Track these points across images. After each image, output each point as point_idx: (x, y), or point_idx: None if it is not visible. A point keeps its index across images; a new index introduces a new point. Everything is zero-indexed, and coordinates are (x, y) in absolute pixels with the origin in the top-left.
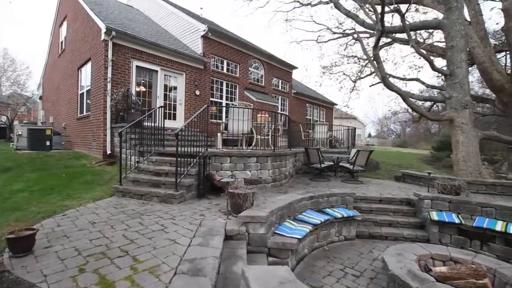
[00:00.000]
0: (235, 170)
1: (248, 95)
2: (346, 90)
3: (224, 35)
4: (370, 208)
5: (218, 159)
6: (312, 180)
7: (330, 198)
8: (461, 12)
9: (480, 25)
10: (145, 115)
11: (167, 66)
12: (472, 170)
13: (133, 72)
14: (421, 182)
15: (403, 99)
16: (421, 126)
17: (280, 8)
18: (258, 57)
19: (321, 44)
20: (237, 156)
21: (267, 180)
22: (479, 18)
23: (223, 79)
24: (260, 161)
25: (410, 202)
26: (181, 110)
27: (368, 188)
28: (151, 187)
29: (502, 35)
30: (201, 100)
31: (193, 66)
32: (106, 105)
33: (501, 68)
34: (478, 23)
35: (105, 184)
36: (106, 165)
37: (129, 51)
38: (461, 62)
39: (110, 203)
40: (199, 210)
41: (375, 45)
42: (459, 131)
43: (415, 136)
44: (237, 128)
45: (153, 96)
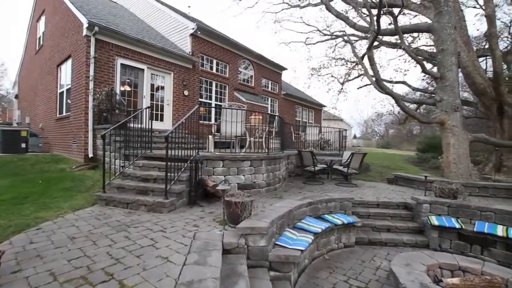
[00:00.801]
0: (228, 174)
1: (237, 95)
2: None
3: (214, 34)
4: (368, 213)
5: (210, 163)
6: (306, 184)
7: (329, 203)
8: (451, 16)
9: (464, 30)
10: (131, 116)
11: (154, 65)
12: (463, 172)
13: (117, 70)
14: (414, 185)
15: (396, 102)
16: (403, 128)
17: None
18: (247, 58)
19: (309, 46)
20: (231, 160)
21: (261, 184)
22: (463, 23)
23: (212, 79)
24: (254, 165)
25: (407, 206)
26: (169, 111)
27: (363, 191)
28: (138, 195)
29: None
30: (190, 101)
31: (181, 65)
32: (88, 105)
33: (483, 73)
34: (462, 28)
35: (87, 191)
36: (88, 169)
37: (113, 48)
38: (452, 65)
39: (92, 213)
40: (191, 220)
41: (369, 46)
42: (450, 133)
43: (398, 137)
44: (230, 130)
45: (139, 96)
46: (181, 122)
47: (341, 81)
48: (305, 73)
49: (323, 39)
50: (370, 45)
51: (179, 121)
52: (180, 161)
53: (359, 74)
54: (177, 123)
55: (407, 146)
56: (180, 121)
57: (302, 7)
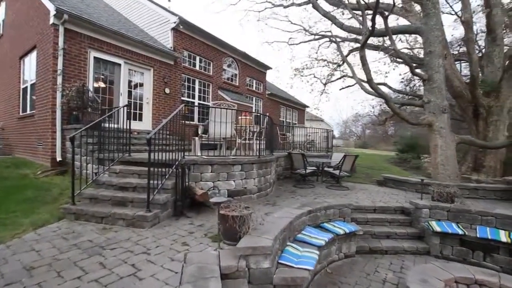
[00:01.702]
0: (217, 180)
1: (222, 94)
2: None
3: (197, 29)
4: (366, 219)
5: (197, 168)
6: (296, 187)
7: (328, 211)
8: (438, 18)
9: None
10: (106, 115)
11: (132, 60)
12: (451, 173)
13: (90, 64)
14: (404, 187)
15: (387, 103)
16: (379, 128)
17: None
18: (232, 56)
19: (292, 46)
20: (220, 164)
21: (252, 190)
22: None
23: (195, 76)
24: (245, 169)
25: (404, 210)
26: (149, 110)
27: (357, 195)
28: (115, 207)
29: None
30: (172, 99)
31: (162, 61)
32: (55, 102)
33: (460, 76)
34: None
35: (53, 202)
36: (56, 175)
37: (85, 40)
38: (439, 67)
39: (59, 231)
40: (179, 236)
41: (362, 45)
42: (437, 135)
43: (374, 138)
44: (219, 132)
45: (115, 94)
46: (165, 123)
47: (324, 82)
48: (288, 73)
49: (307, 39)
50: (363, 44)
51: (163, 122)
52: (164, 166)
53: (342, 76)
54: (158, 123)
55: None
56: (164, 122)
57: (285, 7)
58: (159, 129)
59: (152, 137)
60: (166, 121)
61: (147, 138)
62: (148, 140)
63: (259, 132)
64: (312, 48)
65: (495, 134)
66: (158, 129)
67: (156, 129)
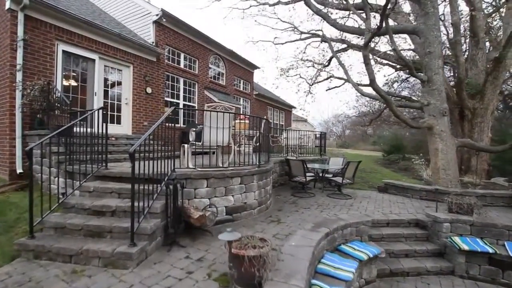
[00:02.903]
0: (214, 196)
1: (208, 95)
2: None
3: (182, 23)
4: (381, 235)
5: (190, 183)
6: (295, 196)
7: (345, 230)
8: (437, 18)
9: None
10: (77, 119)
11: (109, 55)
12: (452, 178)
13: (58, 59)
14: (408, 194)
15: (389, 106)
16: (358, 128)
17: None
18: (218, 53)
19: (278, 46)
20: (217, 177)
21: (252, 205)
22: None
23: (180, 75)
24: (245, 182)
25: (419, 223)
26: (128, 112)
27: (362, 204)
28: (88, 239)
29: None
30: (154, 100)
31: (143, 58)
32: (14, 103)
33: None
34: None
35: (6, 231)
36: (15, 191)
37: (52, 30)
38: (438, 69)
39: (8, 281)
40: (175, 279)
41: (366, 44)
42: (438, 138)
43: (354, 137)
44: (215, 139)
45: (89, 93)
46: (152, 130)
47: (310, 83)
48: (273, 73)
49: (293, 38)
50: (366, 43)
51: (150, 130)
52: (150, 183)
53: (328, 76)
54: (139, 126)
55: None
56: (152, 129)
57: (271, 5)
58: (145, 138)
59: (136, 149)
60: (153, 128)
61: (130, 151)
62: (131, 155)
63: (258, 138)
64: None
65: (480, 135)
66: (143, 138)
67: (142, 139)
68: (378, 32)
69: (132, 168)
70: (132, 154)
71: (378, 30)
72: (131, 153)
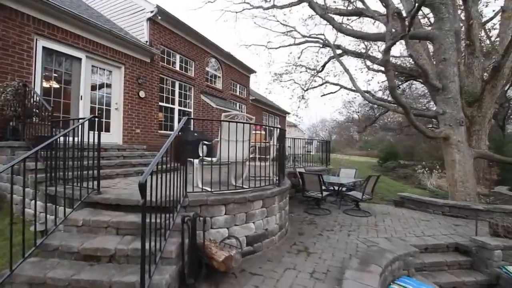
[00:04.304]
0: (233, 225)
1: (205, 100)
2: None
3: (178, 22)
4: (423, 264)
5: (206, 210)
6: (311, 214)
7: (393, 265)
8: (452, 23)
9: (424, 44)
10: (69, 129)
11: (97, 54)
12: (470, 191)
13: (37, 57)
14: (428, 209)
15: (406, 114)
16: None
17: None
18: (216, 56)
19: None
20: (237, 202)
21: (274, 231)
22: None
23: (175, 78)
24: (266, 205)
25: (458, 248)
26: (118, 118)
27: (387, 223)
28: None
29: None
30: (147, 105)
31: (136, 58)
32: None
33: None
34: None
35: None
36: None
37: (30, 23)
38: (454, 76)
39: None
40: None
41: (387, 49)
42: (455, 149)
43: (340, 142)
44: (234, 154)
45: (73, 97)
46: (166, 148)
47: (305, 88)
48: (265, 78)
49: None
50: (388, 47)
51: (164, 148)
52: (158, 212)
53: (323, 82)
54: (130, 134)
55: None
56: (165, 148)
57: (265, 9)
58: (161, 156)
59: (147, 179)
60: (166, 145)
61: (141, 182)
62: (142, 187)
63: (277, 150)
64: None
65: (478, 143)
66: (156, 161)
67: (154, 162)
68: (403, 36)
69: (143, 205)
70: (143, 186)
71: (405, 33)
72: (142, 184)
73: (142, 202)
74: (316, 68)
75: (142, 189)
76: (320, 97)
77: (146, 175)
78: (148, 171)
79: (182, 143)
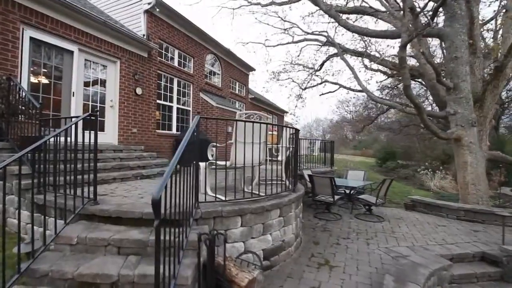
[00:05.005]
0: (250, 238)
1: (205, 98)
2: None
3: (177, 15)
4: (452, 276)
5: (220, 223)
6: (321, 219)
7: (429, 281)
8: (464, 21)
9: (425, 44)
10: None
11: (91, 47)
12: (483, 194)
13: (24, 48)
14: (441, 213)
15: (420, 114)
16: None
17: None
18: (215, 52)
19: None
20: (255, 212)
21: (290, 242)
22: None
23: (174, 74)
24: (283, 213)
25: (485, 257)
26: (114, 116)
27: (402, 229)
28: None
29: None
30: (145, 103)
31: (132, 52)
32: None
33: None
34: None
35: None
36: None
37: (15, 10)
38: (466, 76)
39: None
40: None
41: (403, 46)
42: (467, 151)
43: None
44: (250, 157)
45: (65, 93)
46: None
47: (303, 87)
48: (262, 77)
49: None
50: (405, 44)
51: (179, 148)
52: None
53: (322, 81)
54: (127, 134)
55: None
56: (181, 148)
57: (264, 6)
58: (171, 170)
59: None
60: (181, 148)
61: (155, 198)
62: (156, 204)
63: (295, 153)
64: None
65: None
66: (170, 171)
67: (168, 172)
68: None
69: (157, 227)
70: (157, 203)
71: (424, 29)
72: (156, 201)
73: (157, 224)
74: (314, 67)
75: (156, 207)
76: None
77: (161, 189)
78: (162, 184)
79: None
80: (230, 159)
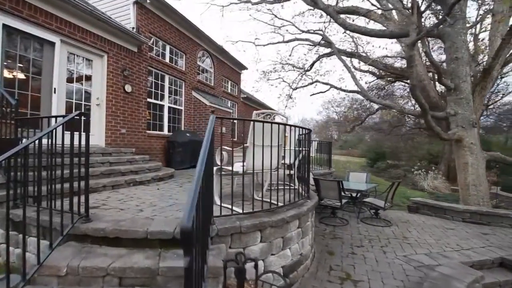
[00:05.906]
0: (269, 254)
1: (197, 97)
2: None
3: (169, 8)
4: (479, 286)
5: (237, 240)
6: (328, 225)
7: None
8: (465, 22)
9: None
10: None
11: (75, 38)
12: (484, 195)
13: None
14: (446, 215)
15: (424, 115)
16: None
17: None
18: (207, 49)
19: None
20: (275, 226)
21: (307, 254)
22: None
23: (165, 71)
24: (302, 224)
25: (504, 263)
26: (100, 116)
27: (413, 234)
28: None
29: None
30: (134, 101)
31: (121, 46)
32: None
33: (434, 87)
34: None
35: None
36: None
37: None
38: (466, 76)
39: None
40: None
41: (412, 44)
42: (468, 152)
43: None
44: (268, 162)
45: (45, 90)
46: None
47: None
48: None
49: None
50: (414, 42)
51: (202, 156)
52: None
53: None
54: (115, 135)
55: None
56: (204, 155)
57: (254, 4)
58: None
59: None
60: (204, 155)
61: (185, 227)
62: (186, 235)
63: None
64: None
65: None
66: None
67: (195, 191)
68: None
69: (188, 271)
70: (189, 234)
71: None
72: (188, 230)
73: (187, 264)
74: (304, 67)
75: (188, 239)
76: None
77: (191, 212)
78: (192, 204)
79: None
80: (246, 164)
